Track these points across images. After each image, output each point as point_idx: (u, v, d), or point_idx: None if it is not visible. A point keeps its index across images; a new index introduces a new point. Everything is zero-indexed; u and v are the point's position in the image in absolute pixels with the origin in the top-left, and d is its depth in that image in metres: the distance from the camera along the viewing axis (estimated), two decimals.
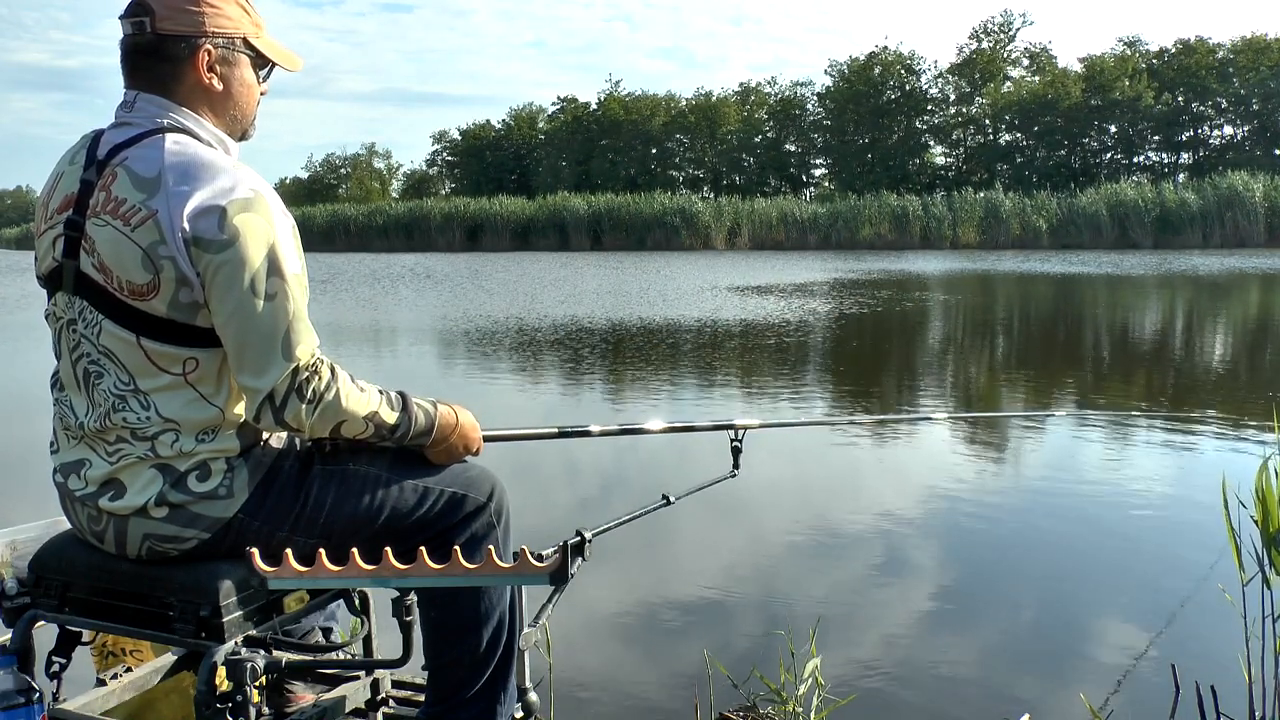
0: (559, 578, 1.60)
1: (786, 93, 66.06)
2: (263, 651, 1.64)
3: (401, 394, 1.77)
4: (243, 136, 1.77)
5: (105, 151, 1.65)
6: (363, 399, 1.69)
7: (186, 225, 1.55)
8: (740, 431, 2.52)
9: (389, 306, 17.36)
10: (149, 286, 1.58)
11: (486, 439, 1.92)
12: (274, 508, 1.69)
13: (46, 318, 1.72)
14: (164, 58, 1.66)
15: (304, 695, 2.09)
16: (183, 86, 1.67)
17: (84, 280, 1.63)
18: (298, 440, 1.75)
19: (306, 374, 1.61)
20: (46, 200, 1.71)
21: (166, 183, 1.56)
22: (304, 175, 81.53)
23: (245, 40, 1.72)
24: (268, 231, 1.59)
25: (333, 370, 1.65)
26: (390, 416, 1.72)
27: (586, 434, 2.30)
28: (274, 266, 1.59)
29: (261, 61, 1.76)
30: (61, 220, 1.65)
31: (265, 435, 1.70)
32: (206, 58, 1.67)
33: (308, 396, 1.62)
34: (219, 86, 1.70)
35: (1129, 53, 57.69)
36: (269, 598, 1.68)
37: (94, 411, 1.65)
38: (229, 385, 1.65)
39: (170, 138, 1.62)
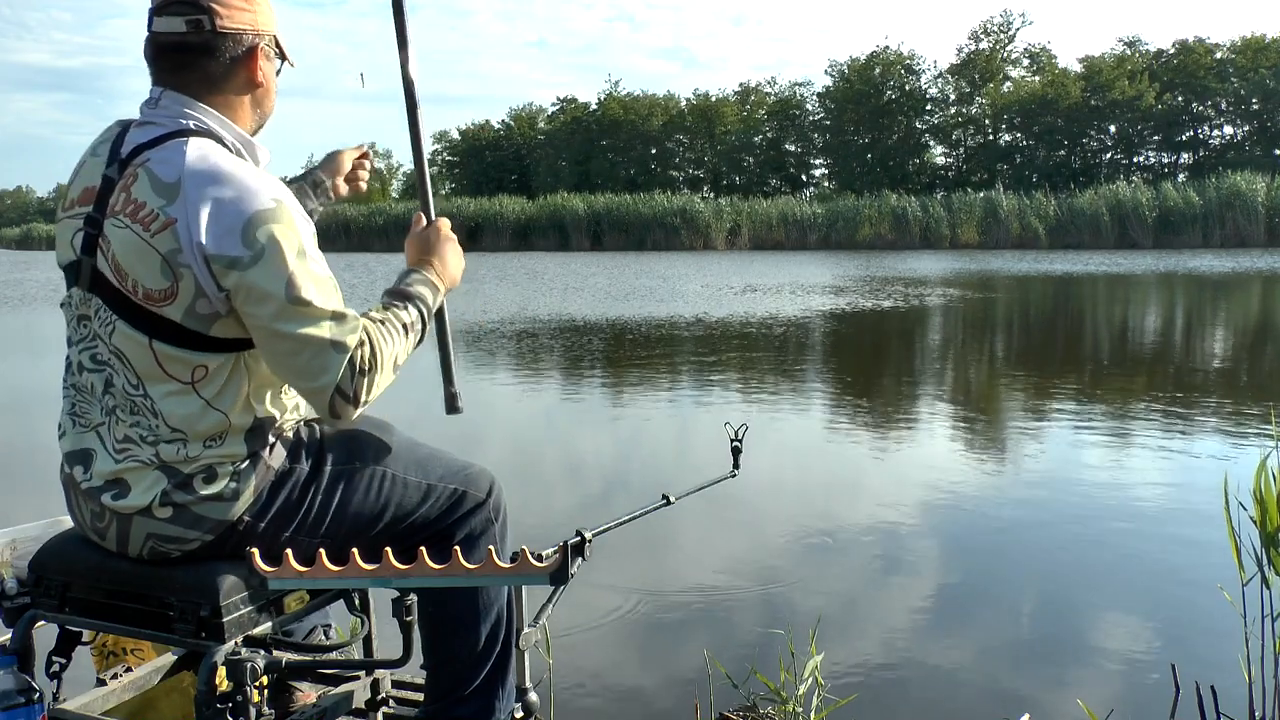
0: (559, 578, 1.60)
1: (786, 93, 66.03)
2: (263, 651, 1.64)
3: (395, 293, 1.79)
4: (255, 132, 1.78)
5: (128, 150, 1.63)
6: (393, 329, 1.71)
7: (205, 239, 1.53)
8: (741, 430, 2.52)
9: None
10: (165, 293, 1.57)
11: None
12: (281, 510, 1.69)
13: (62, 306, 1.73)
14: (216, 56, 1.65)
15: (305, 695, 2.10)
16: (231, 84, 1.67)
17: (99, 279, 1.62)
18: (305, 440, 1.74)
19: (357, 351, 1.62)
20: (69, 189, 1.71)
21: (186, 190, 1.55)
22: None
23: (275, 37, 1.74)
24: (294, 239, 1.58)
25: (366, 330, 1.65)
26: (413, 314, 1.76)
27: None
28: (306, 272, 1.58)
29: (281, 57, 1.78)
30: (82, 214, 1.65)
31: (273, 440, 1.69)
32: (261, 56, 1.69)
33: (365, 368, 1.63)
34: (262, 84, 1.71)
35: (1129, 53, 57.62)
36: (269, 598, 1.68)
37: (103, 405, 1.65)
38: (236, 392, 1.64)
39: (193, 142, 1.60)
